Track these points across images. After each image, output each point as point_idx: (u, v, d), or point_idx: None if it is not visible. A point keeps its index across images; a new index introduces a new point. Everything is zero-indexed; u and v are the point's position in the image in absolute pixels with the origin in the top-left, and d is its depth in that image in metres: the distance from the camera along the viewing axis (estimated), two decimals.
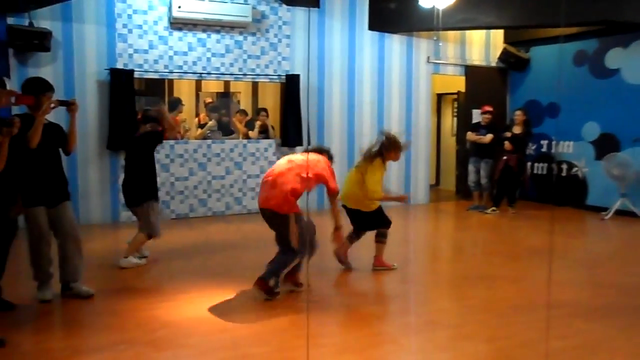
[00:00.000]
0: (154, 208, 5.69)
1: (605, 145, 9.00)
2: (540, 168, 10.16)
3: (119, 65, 7.77)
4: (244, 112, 9.50)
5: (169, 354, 3.57)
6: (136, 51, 7.90)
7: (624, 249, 7.11)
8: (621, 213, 8.52)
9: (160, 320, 4.13)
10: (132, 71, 7.78)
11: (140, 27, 7.89)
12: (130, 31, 7.84)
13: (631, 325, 4.09)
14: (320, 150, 5.19)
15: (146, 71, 7.99)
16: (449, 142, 11.92)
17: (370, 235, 5.59)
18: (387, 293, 4.80)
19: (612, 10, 7.51)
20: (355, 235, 5.65)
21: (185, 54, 8.19)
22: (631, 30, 8.48)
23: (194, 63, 8.25)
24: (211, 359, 3.49)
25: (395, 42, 9.60)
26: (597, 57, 9.20)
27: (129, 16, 7.81)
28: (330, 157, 5.13)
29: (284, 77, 8.75)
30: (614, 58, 8.96)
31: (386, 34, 9.48)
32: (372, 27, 9.33)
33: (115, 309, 4.37)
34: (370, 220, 5.48)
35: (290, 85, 8.74)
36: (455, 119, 11.78)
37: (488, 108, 9.23)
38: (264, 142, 8.90)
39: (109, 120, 7.74)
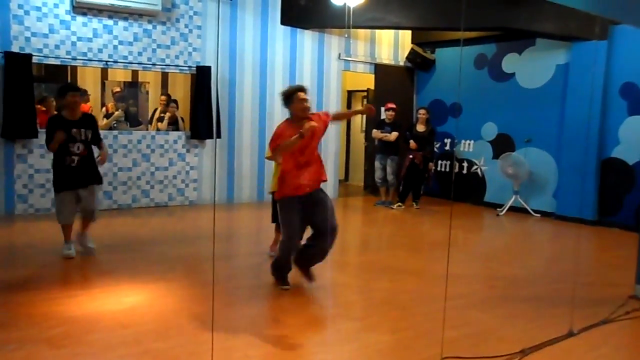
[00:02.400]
0: None
1: (502, 145, 9.58)
2: (443, 165, 10.64)
3: (15, 49, 7.32)
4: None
5: (66, 352, 3.43)
6: (34, 35, 7.46)
7: (515, 244, 7.63)
8: (514, 209, 9.12)
9: (59, 317, 3.96)
10: (29, 55, 7.35)
11: (38, 9, 7.46)
12: (27, 13, 7.39)
13: (517, 314, 4.41)
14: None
15: (46, 56, 7.58)
16: (358, 139, 12.20)
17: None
18: (294, 287, 4.86)
19: (508, 18, 8.00)
20: None
21: (90, 40, 7.84)
22: (525, 38, 9.07)
23: (100, 50, 7.92)
24: (112, 355, 3.40)
25: (307, 38, 9.69)
26: (495, 61, 9.76)
27: None
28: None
29: (195, 68, 8.60)
30: (510, 63, 9.55)
31: (298, 30, 9.55)
32: (284, 22, 9.37)
33: (6, 305, 4.15)
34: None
35: (201, 77, 8.60)
36: (364, 115, 12.05)
37: (391, 105, 9.50)
38: (173, 134, 8.71)
39: (4, 107, 7.28)
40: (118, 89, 9.45)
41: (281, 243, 4.75)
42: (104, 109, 9.21)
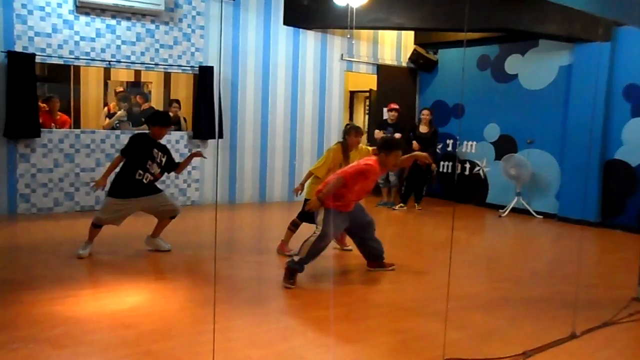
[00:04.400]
0: None
1: (504, 146, 9.56)
2: (445, 166, 10.62)
3: (18, 48, 7.32)
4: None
5: (68, 351, 3.43)
6: (37, 34, 7.47)
7: (518, 245, 7.61)
8: (516, 210, 9.10)
9: (60, 317, 3.95)
10: (33, 55, 7.36)
11: (42, 8, 7.46)
12: (30, 12, 7.40)
13: (521, 316, 4.40)
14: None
15: (49, 56, 7.58)
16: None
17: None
18: (295, 287, 4.86)
19: (511, 19, 7.98)
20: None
21: (92, 40, 7.84)
22: (528, 39, 9.05)
23: (102, 50, 7.92)
24: (113, 355, 3.39)
25: (310, 38, 9.68)
26: (498, 62, 9.75)
27: None
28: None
29: (197, 68, 8.60)
30: (513, 64, 9.54)
31: (301, 30, 9.55)
32: (287, 22, 9.37)
33: (8, 305, 4.14)
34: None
35: (203, 77, 8.60)
36: (367, 116, 12.05)
37: (394, 106, 9.48)
38: (176, 134, 8.71)
39: (7, 106, 7.29)
40: (121, 89, 9.47)
41: (317, 241, 4.91)
42: (106, 108, 9.22)
